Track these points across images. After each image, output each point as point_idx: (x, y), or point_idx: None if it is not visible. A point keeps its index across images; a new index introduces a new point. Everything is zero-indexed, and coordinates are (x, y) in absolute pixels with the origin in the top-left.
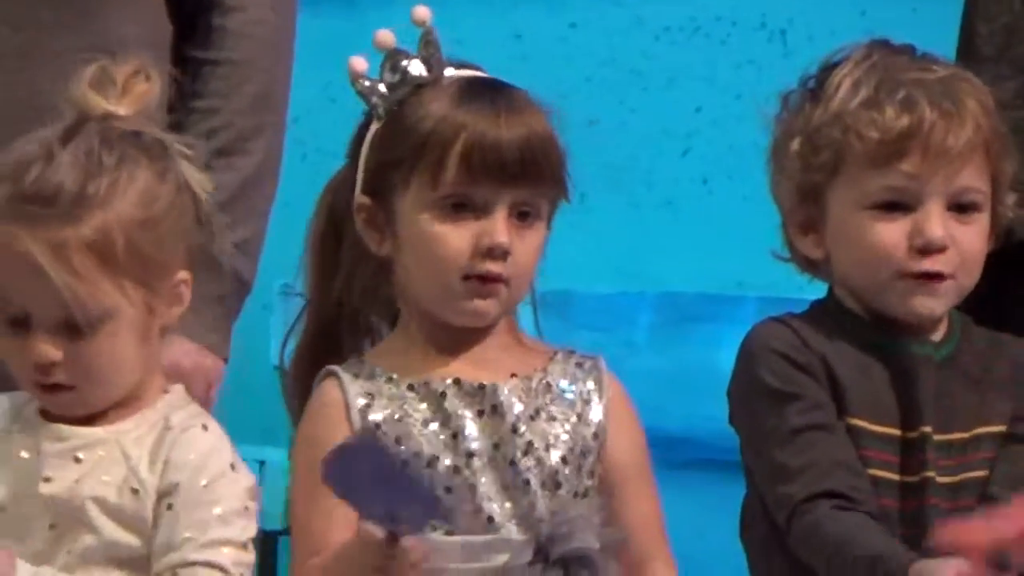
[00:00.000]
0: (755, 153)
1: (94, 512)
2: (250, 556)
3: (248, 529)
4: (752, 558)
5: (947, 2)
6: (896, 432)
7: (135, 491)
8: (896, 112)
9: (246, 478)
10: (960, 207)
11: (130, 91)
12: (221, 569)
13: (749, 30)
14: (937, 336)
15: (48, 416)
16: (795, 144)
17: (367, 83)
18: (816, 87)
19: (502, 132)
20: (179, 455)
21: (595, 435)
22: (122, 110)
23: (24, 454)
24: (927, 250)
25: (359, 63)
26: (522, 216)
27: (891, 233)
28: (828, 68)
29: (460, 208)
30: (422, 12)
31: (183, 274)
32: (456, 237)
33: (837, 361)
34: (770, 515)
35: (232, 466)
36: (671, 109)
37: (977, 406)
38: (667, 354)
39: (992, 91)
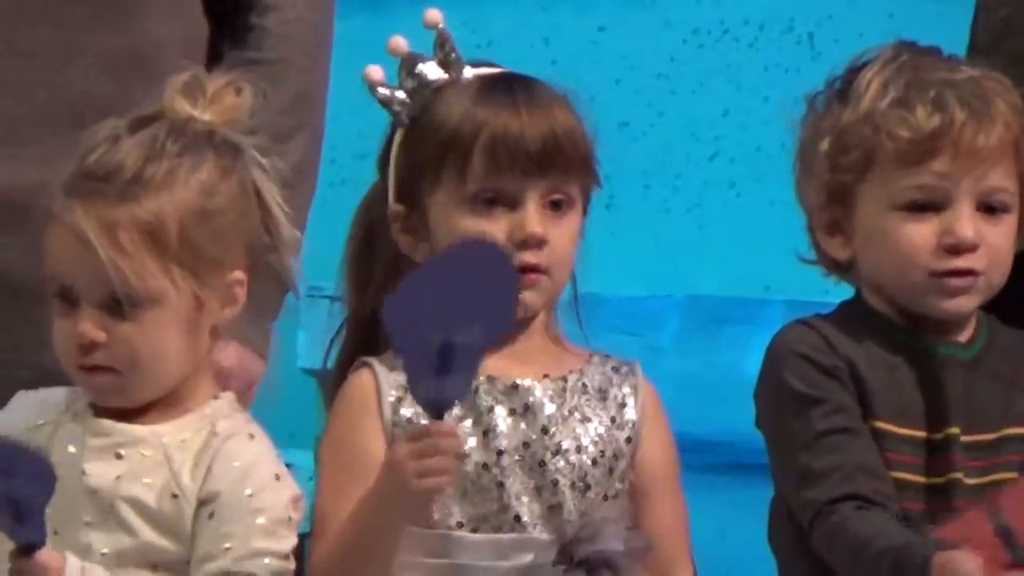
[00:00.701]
0: (783, 157)
1: (131, 513)
2: (291, 566)
3: (290, 540)
4: (781, 561)
5: (973, 5)
6: (922, 434)
7: (175, 496)
8: (927, 112)
9: (290, 488)
10: (989, 207)
11: (219, 100)
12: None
13: (777, 33)
14: (964, 337)
15: (97, 412)
16: (824, 144)
17: (386, 91)
18: (844, 88)
19: (524, 123)
20: (223, 463)
21: (628, 439)
22: (207, 116)
23: (71, 448)
24: (957, 250)
25: (375, 72)
26: (555, 205)
27: (921, 233)
28: (856, 69)
29: (492, 203)
30: (433, 15)
31: (238, 274)
32: (490, 231)
33: (863, 363)
34: (796, 518)
35: (277, 476)
36: (699, 113)
37: (1005, 407)
38: (694, 358)
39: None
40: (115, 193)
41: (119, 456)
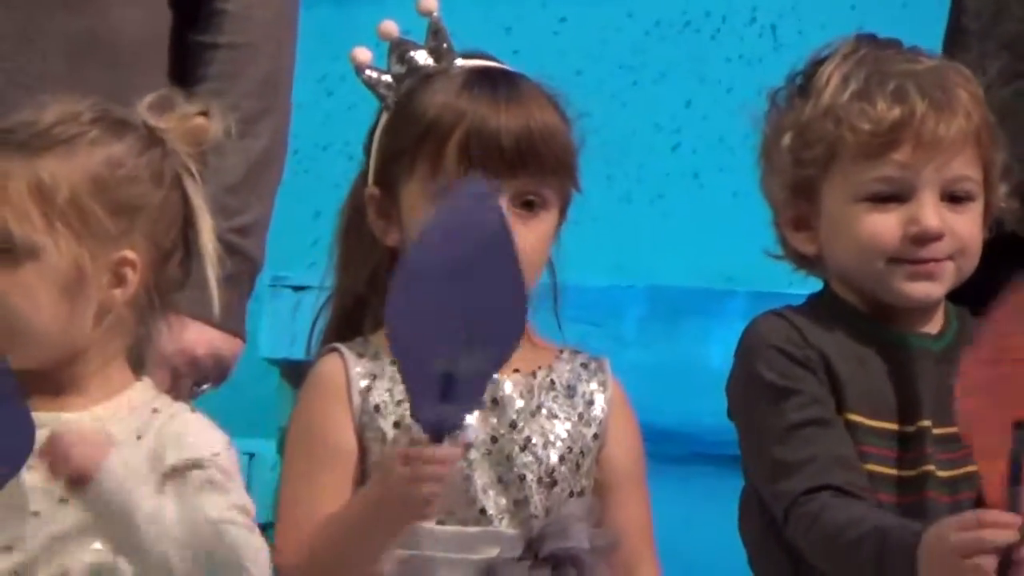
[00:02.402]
0: (745, 148)
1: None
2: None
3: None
4: (751, 551)
5: None
6: (894, 427)
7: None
8: (887, 103)
9: (234, 452)
10: (953, 197)
11: (184, 119)
12: (247, 529)
13: (739, 25)
14: (934, 328)
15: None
16: (786, 140)
17: (373, 74)
18: (805, 83)
19: (501, 122)
20: (180, 436)
21: (595, 436)
22: (161, 124)
23: None
24: (922, 239)
25: (363, 54)
26: (527, 205)
27: (885, 223)
28: (816, 63)
29: None
30: (429, 3)
31: (128, 254)
32: None
33: (836, 355)
34: (768, 508)
35: (228, 443)
36: (661, 104)
37: None
38: (656, 348)
39: (976, 73)
40: (15, 144)
41: None
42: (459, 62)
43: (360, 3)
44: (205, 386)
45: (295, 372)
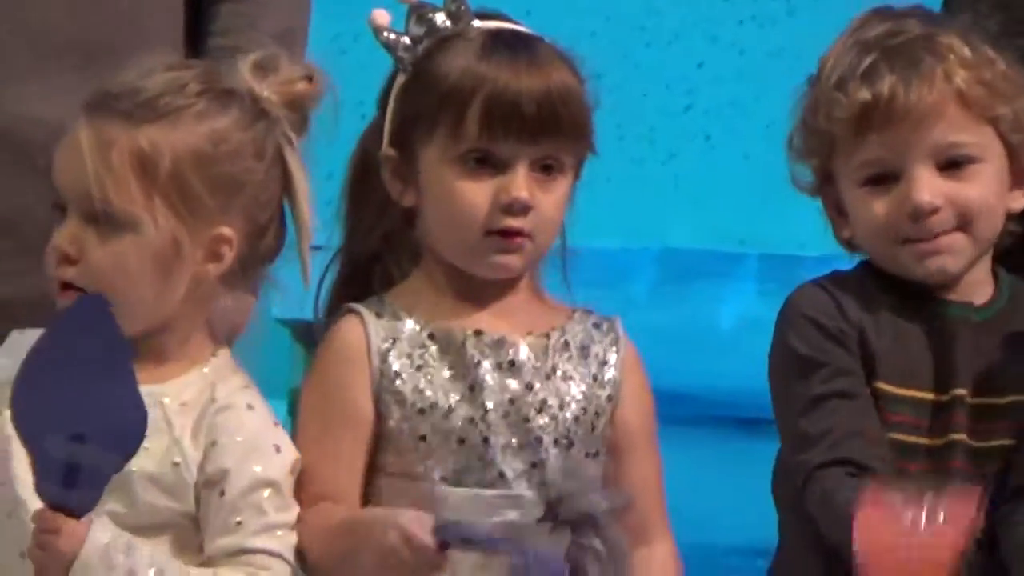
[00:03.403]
0: (757, 110)
1: (130, 478)
2: (293, 536)
3: (294, 508)
4: (782, 515)
5: None
6: (928, 395)
7: (176, 464)
8: (857, 87)
9: (291, 454)
10: (951, 163)
11: (288, 83)
12: (277, 555)
13: None
14: (980, 298)
15: None
16: (797, 132)
17: (391, 36)
18: (818, 69)
19: (523, 87)
20: (227, 438)
21: (608, 397)
22: (266, 92)
23: None
24: (916, 216)
25: (382, 16)
26: (545, 169)
27: (883, 206)
28: (831, 46)
29: (481, 163)
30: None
31: (226, 231)
32: (476, 192)
33: (872, 326)
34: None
35: (278, 448)
36: (674, 65)
37: (1017, 371)
38: (668, 310)
39: (979, 30)
40: (121, 113)
41: None
42: (476, 23)
43: None
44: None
45: (307, 333)
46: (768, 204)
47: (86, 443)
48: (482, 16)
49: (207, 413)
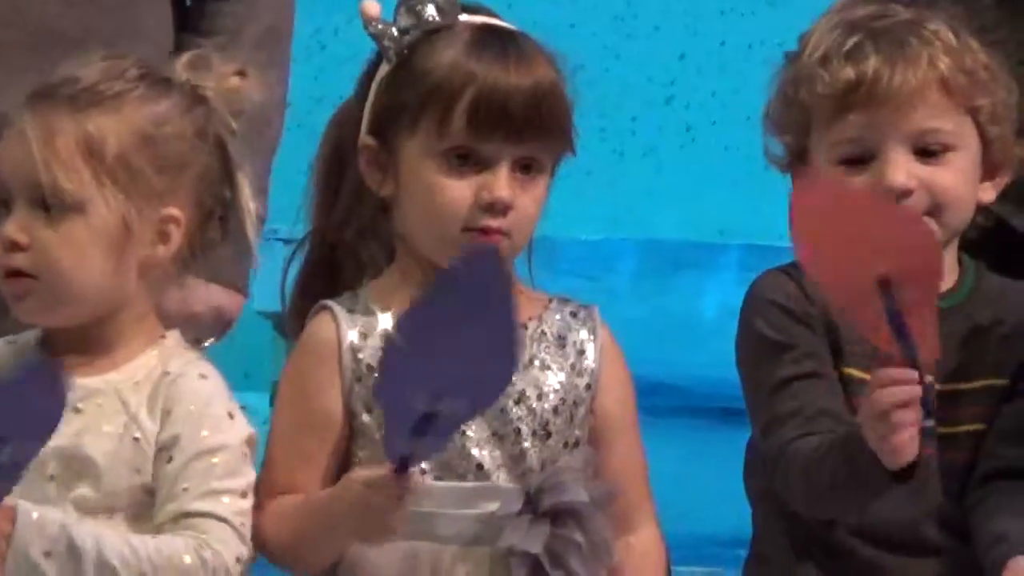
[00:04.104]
0: (738, 101)
1: (93, 464)
2: (248, 503)
3: (247, 476)
4: (754, 504)
5: None
6: None
7: (136, 439)
8: (841, 65)
9: (244, 426)
10: (927, 150)
11: (223, 79)
12: (221, 519)
13: None
14: (945, 285)
15: None
16: (774, 105)
17: (380, 26)
18: (799, 45)
19: (511, 85)
20: (178, 406)
21: (588, 386)
22: (203, 84)
23: None
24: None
25: (373, 7)
26: (525, 168)
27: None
28: (813, 24)
29: (464, 160)
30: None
31: (174, 210)
32: (457, 189)
33: (839, 313)
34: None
35: (230, 415)
36: (655, 56)
37: (981, 357)
38: (650, 301)
39: (965, 19)
40: (63, 100)
41: (78, 410)
42: (462, 17)
43: None
44: (207, 342)
45: None
46: (749, 195)
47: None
48: (468, 10)
49: (161, 384)
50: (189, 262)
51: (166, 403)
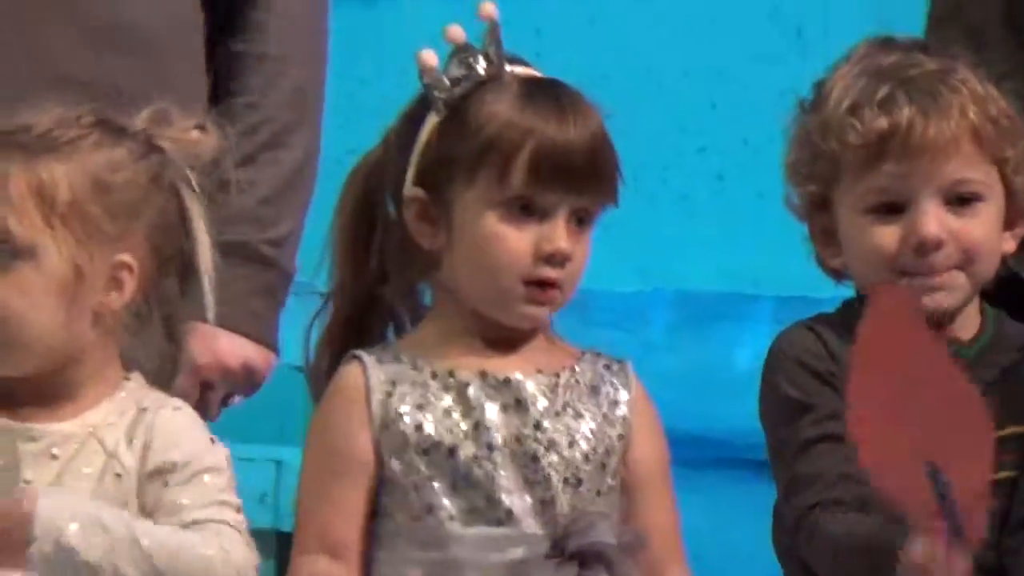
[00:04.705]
0: (771, 149)
1: None
2: (243, 517)
3: (234, 493)
4: (781, 562)
5: None
6: None
7: (118, 475)
8: (875, 114)
9: (223, 448)
10: (959, 199)
11: (181, 133)
12: (229, 525)
13: (764, 25)
14: (967, 333)
15: (17, 417)
16: (796, 155)
17: (436, 77)
18: (817, 93)
19: (571, 138)
20: (161, 437)
21: (620, 436)
22: (159, 137)
23: (3, 461)
24: (922, 249)
25: (431, 57)
26: (579, 221)
27: (887, 236)
28: (831, 72)
29: (524, 210)
30: (489, 8)
31: (126, 257)
32: (518, 240)
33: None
34: None
35: (211, 440)
36: (686, 105)
37: (1010, 404)
38: (684, 352)
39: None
40: (16, 146)
41: (54, 456)
42: (508, 68)
43: (384, 6)
44: (236, 398)
45: None
46: (783, 245)
47: None
48: (511, 61)
49: (139, 421)
50: (146, 312)
51: (146, 436)
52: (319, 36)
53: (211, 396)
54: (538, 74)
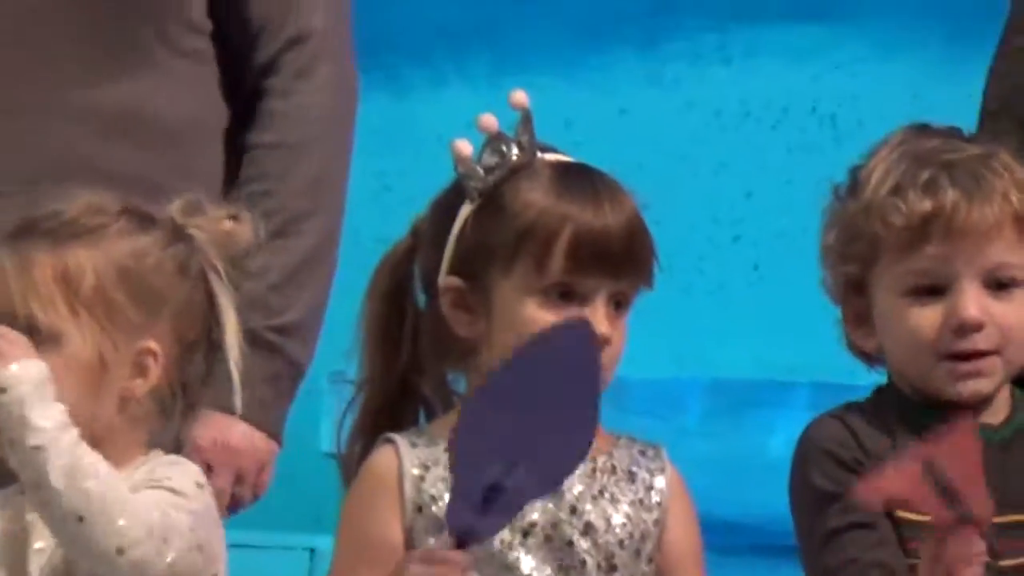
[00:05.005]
0: (806, 239)
1: (85, 569)
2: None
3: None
4: None
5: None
6: None
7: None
8: (918, 197)
9: (208, 499)
10: (998, 283)
11: (215, 223)
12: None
13: (800, 114)
14: (996, 418)
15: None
16: (832, 237)
17: (471, 166)
18: (855, 177)
19: (608, 224)
20: (148, 474)
21: (656, 521)
22: (190, 226)
23: (8, 527)
24: (962, 331)
25: (466, 147)
26: (617, 304)
27: (927, 317)
28: (869, 157)
29: (563, 297)
30: (520, 96)
31: (152, 344)
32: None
33: (890, 455)
34: None
35: (198, 484)
36: (721, 195)
37: None
38: (719, 440)
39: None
40: (41, 233)
41: None
42: (539, 155)
43: (415, 96)
44: (246, 493)
45: None
46: (818, 333)
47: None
48: (543, 149)
49: (135, 476)
50: (170, 399)
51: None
52: (341, 125)
53: (216, 479)
54: (571, 160)
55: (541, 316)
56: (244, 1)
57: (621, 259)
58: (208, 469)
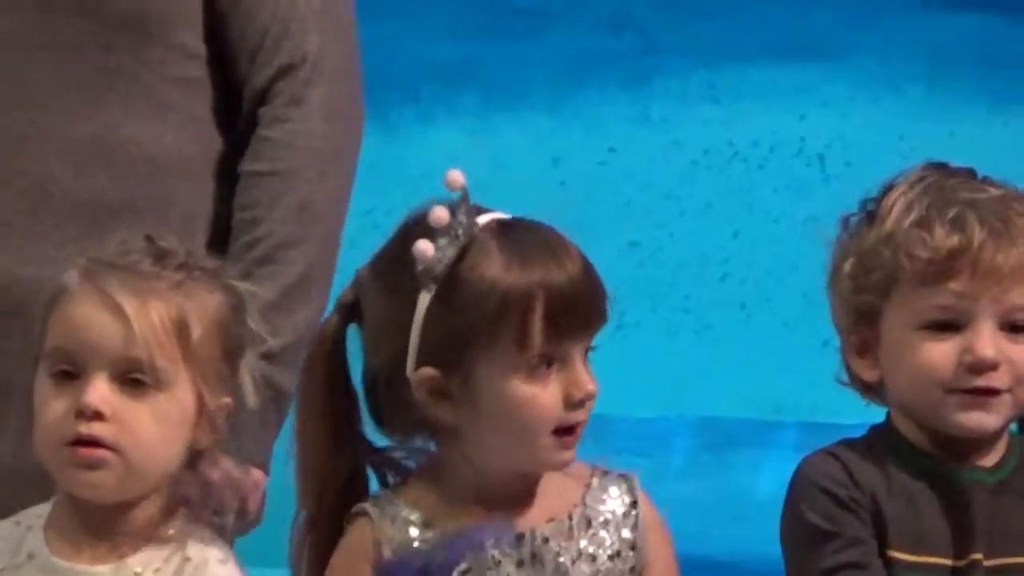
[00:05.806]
0: (793, 278)
1: None
2: None
3: None
4: None
5: (986, 126)
6: (944, 561)
7: None
8: (946, 231)
9: None
10: (1013, 326)
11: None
12: None
13: (787, 155)
14: (991, 461)
15: (55, 552)
16: (848, 265)
17: (433, 253)
18: (873, 209)
19: (571, 276)
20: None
21: (632, 568)
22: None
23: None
24: (977, 368)
25: (429, 248)
26: (586, 355)
27: (942, 351)
28: (886, 190)
29: (547, 363)
30: (457, 176)
31: (227, 400)
32: (548, 395)
33: (884, 493)
34: None
35: None
36: (709, 234)
37: None
38: (705, 479)
39: None
40: (151, 277)
41: None
42: (477, 221)
43: (406, 135)
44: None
45: None
46: (805, 372)
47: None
48: (477, 212)
49: (183, 571)
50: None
51: None
52: (334, 151)
53: (194, 514)
54: (504, 216)
55: (528, 391)
56: (237, 27)
57: (589, 310)
58: (187, 503)
